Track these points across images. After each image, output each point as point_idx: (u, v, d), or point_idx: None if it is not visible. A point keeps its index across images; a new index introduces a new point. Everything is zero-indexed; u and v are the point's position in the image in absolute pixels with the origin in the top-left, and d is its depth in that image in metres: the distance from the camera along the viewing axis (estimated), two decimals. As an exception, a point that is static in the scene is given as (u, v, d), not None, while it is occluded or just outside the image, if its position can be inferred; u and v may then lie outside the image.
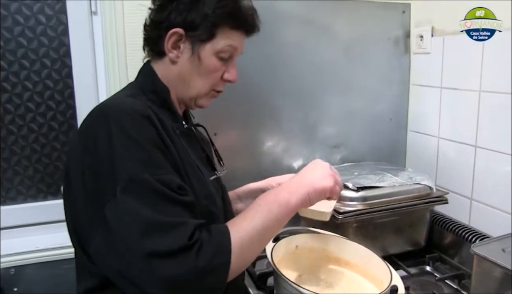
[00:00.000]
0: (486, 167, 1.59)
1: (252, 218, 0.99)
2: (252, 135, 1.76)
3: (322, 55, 1.81)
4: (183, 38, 1.11)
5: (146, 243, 0.87)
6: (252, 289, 1.44)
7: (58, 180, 1.77)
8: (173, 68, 1.14)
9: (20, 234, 1.73)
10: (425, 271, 1.62)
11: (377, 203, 1.52)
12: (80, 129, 1.05)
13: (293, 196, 1.03)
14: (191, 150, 1.15)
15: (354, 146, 1.93)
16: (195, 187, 1.08)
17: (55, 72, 1.70)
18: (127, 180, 0.91)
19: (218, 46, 1.12)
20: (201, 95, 1.19)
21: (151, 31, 1.16)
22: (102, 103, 1.07)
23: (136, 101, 1.05)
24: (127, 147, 0.93)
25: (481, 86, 1.57)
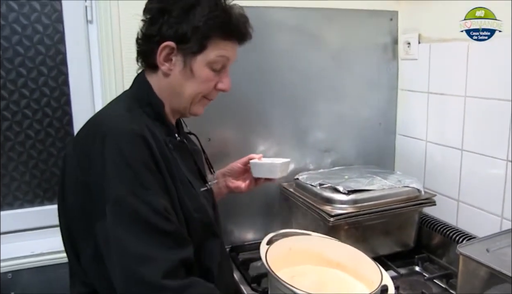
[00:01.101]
0: (472, 169, 1.63)
1: None
2: (245, 140, 1.79)
3: (312, 62, 1.84)
4: (175, 51, 1.11)
5: (127, 272, 0.93)
6: (246, 290, 1.47)
7: (55, 186, 1.79)
8: (166, 80, 1.15)
9: (17, 239, 1.75)
10: (414, 271, 1.66)
11: (367, 206, 1.56)
12: (76, 141, 1.09)
13: None
14: (183, 164, 1.18)
15: (344, 150, 1.96)
16: (186, 202, 1.11)
17: (52, 80, 1.72)
18: (113, 202, 0.96)
19: (209, 58, 1.13)
20: (194, 103, 1.20)
21: (143, 44, 1.17)
22: (100, 118, 1.12)
23: (133, 118, 1.07)
24: (118, 168, 0.97)
25: (466, 92, 1.61)
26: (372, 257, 1.33)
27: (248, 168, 1.50)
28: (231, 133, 1.77)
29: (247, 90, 1.73)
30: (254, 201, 1.79)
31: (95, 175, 0.98)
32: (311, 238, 1.44)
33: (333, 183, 1.61)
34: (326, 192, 1.59)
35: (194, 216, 1.12)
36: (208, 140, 1.64)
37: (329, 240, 1.44)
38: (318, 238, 1.45)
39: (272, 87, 1.79)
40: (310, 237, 1.45)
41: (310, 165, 1.91)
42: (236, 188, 1.51)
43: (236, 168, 1.51)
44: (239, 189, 1.51)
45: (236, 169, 1.51)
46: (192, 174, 1.22)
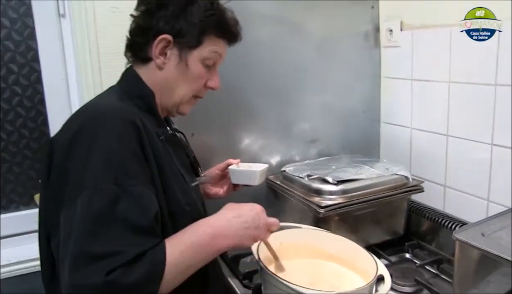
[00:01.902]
0: (458, 155, 1.64)
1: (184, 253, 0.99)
2: (229, 133, 1.77)
3: (295, 53, 1.82)
4: (171, 45, 1.12)
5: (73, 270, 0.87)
6: (238, 288, 1.44)
7: (31, 190, 1.73)
8: (159, 73, 1.15)
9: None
10: (405, 259, 1.66)
11: (357, 196, 1.55)
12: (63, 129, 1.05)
13: (222, 245, 1.04)
14: (175, 156, 1.17)
15: (329, 140, 1.95)
16: (178, 195, 1.09)
17: (23, 78, 1.65)
18: (92, 187, 0.91)
19: (204, 53, 1.15)
20: (184, 102, 1.21)
21: (137, 36, 1.16)
22: (89, 107, 1.09)
23: (124, 107, 1.05)
24: (104, 155, 0.94)
25: (450, 77, 1.62)
26: (364, 247, 1.33)
27: (226, 174, 1.49)
28: (215, 127, 1.74)
29: (230, 83, 1.68)
30: (241, 196, 1.72)
31: (77, 162, 0.95)
32: (301, 231, 1.42)
33: (322, 174, 1.60)
34: (315, 183, 1.57)
35: (186, 210, 1.10)
36: (191, 135, 1.61)
37: (321, 232, 1.43)
38: (309, 230, 1.43)
39: (256, 79, 1.77)
40: (300, 230, 1.43)
41: (296, 157, 1.90)
42: (215, 194, 1.51)
43: (214, 174, 1.50)
44: (218, 195, 1.51)
45: (214, 175, 1.50)
46: (184, 168, 1.21)
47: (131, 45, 1.18)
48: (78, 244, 0.88)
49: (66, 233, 0.91)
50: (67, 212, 0.92)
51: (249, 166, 1.47)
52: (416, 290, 1.41)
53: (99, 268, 0.85)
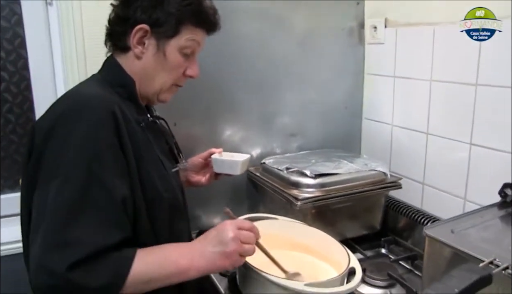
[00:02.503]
0: (437, 153, 1.66)
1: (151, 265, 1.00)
2: (211, 125, 1.78)
3: (278, 47, 1.83)
4: (148, 34, 1.13)
5: (42, 249, 0.91)
6: (215, 276, 1.47)
7: (16, 174, 1.75)
8: (138, 63, 1.17)
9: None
10: (381, 254, 1.69)
11: (334, 189, 1.57)
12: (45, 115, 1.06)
13: (193, 268, 1.03)
14: (155, 143, 1.18)
15: (310, 135, 1.97)
16: (156, 182, 1.11)
17: (10, 64, 1.67)
18: (63, 176, 0.94)
19: (181, 42, 1.16)
20: (164, 90, 1.22)
21: (116, 26, 1.17)
22: (70, 95, 1.10)
23: (104, 96, 1.07)
24: (80, 143, 0.96)
25: (431, 76, 1.63)
26: (339, 240, 1.35)
27: (208, 162, 1.52)
28: (197, 118, 1.76)
29: (213, 75, 1.71)
30: (221, 186, 1.77)
31: (54, 148, 0.97)
32: (278, 222, 1.45)
33: (300, 167, 1.62)
34: (293, 176, 1.60)
35: (163, 196, 1.12)
36: (174, 125, 1.62)
37: (296, 224, 1.45)
38: (285, 222, 1.46)
39: (238, 72, 1.79)
40: (276, 221, 1.45)
41: (276, 150, 1.92)
42: (197, 182, 1.54)
43: (197, 163, 1.53)
44: (200, 183, 1.54)
45: (197, 163, 1.53)
46: (163, 155, 1.23)
47: (110, 34, 1.20)
48: (48, 231, 0.91)
49: (37, 216, 0.95)
50: (39, 195, 0.96)
51: (231, 156, 1.50)
52: (389, 285, 1.43)
53: (64, 256, 0.89)
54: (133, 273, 0.95)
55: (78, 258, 0.89)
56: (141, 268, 0.97)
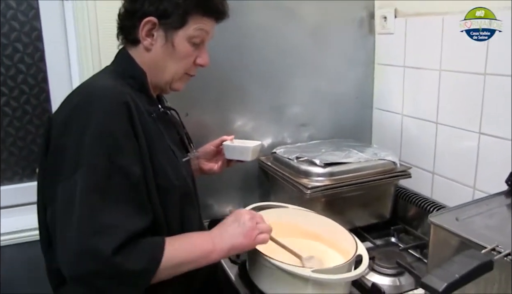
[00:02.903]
0: (447, 142, 1.66)
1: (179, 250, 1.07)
2: (223, 115, 1.81)
3: (289, 38, 1.85)
4: (157, 26, 1.15)
5: (81, 236, 0.94)
6: (226, 263, 1.49)
7: (33, 163, 1.80)
8: (148, 55, 1.19)
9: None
10: (390, 242, 1.70)
11: (343, 179, 1.58)
12: (61, 107, 1.10)
13: (215, 251, 1.11)
14: (166, 133, 1.21)
15: (321, 124, 1.98)
16: (168, 171, 1.15)
17: (28, 56, 1.71)
18: (88, 165, 0.98)
19: (189, 32, 1.18)
20: (176, 79, 1.25)
21: (125, 20, 1.20)
22: (85, 87, 1.14)
23: (117, 87, 1.10)
24: (98, 133, 1.00)
25: (441, 65, 1.63)
26: (348, 229, 1.37)
27: (220, 150, 1.55)
28: (209, 108, 1.78)
29: (224, 65, 1.74)
30: (233, 176, 1.81)
31: (73, 138, 1.00)
32: (287, 210, 1.48)
33: (310, 156, 1.64)
34: (303, 165, 1.62)
35: (175, 184, 1.16)
36: (185, 115, 1.65)
37: (306, 212, 1.48)
38: (295, 210, 1.48)
39: (250, 62, 1.80)
40: (287, 209, 1.48)
41: (287, 139, 1.94)
42: (209, 169, 1.57)
43: (209, 150, 1.56)
44: (212, 170, 1.57)
45: (209, 151, 1.56)
46: (174, 144, 1.26)
47: (121, 28, 1.22)
48: (84, 218, 0.95)
49: (66, 206, 0.98)
50: (65, 186, 0.99)
51: (242, 143, 1.53)
52: (397, 273, 1.44)
53: (107, 240, 0.94)
54: (164, 258, 1.01)
55: (120, 242, 0.94)
56: (171, 253, 1.03)
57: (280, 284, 1.19)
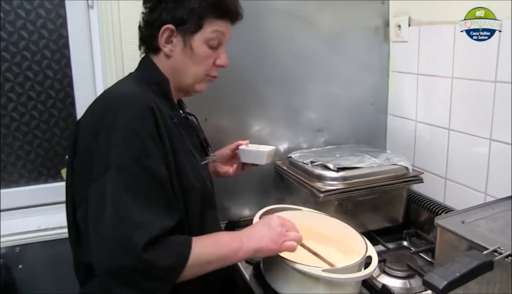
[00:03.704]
0: (458, 148, 1.68)
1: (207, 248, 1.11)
2: (240, 120, 1.85)
3: (306, 45, 1.88)
4: (175, 33, 1.21)
5: (114, 232, 0.98)
6: (241, 263, 1.52)
7: (58, 164, 1.87)
8: (169, 61, 1.25)
9: (23, 215, 1.83)
10: (402, 246, 1.72)
11: (356, 183, 1.62)
12: (89, 112, 1.16)
13: (242, 249, 1.14)
14: (187, 137, 1.26)
15: (336, 130, 2.01)
16: (188, 172, 1.19)
17: (55, 63, 1.79)
18: (117, 167, 1.02)
19: (206, 35, 1.23)
20: (197, 81, 1.30)
21: (145, 30, 1.26)
22: (111, 92, 1.19)
23: (141, 93, 1.15)
24: (126, 136, 1.04)
25: (453, 73, 1.66)
26: (361, 232, 1.40)
27: (236, 154, 1.60)
28: (227, 113, 1.83)
29: (242, 72, 1.78)
30: (250, 179, 1.85)
31: (102, 142, 1.05)
32: (301, 213, 1.51)
33: (324, 161, 1.67)
34: (317, 169, 1.65)
35: (195, 186, 1.20)
36: (204, 120, 1.70)
37: (318, 215, 1.51)
38: (308, 212, 1.52)
39: (267, 69, 1.84)
40: (300, 211, 1.52)
41: (303, 144, 1.97)
42: (225, 173, 1.61)
43: (225, 154, 1.60)
44: (228, 173, 1.61)
45: (225, 154, 1.60)
46: (194, 148, 1.31)
47: (142, 39, 1.29)
48: (115, 215, 0.99)
49: (98, 205, 1.02)
50: (96, 186, 1.04)
51: (257, 147, 1.57)
52: (408, 275, 1.46)
53: (138, 236, 0.98)
54: (193, 255, 1.05)
55: (149, 238, 0.98)
56: (199, 250, 1.07)
57: (292, 283, 1.22)
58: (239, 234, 1.19)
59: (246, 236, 1.17)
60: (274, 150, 1.59)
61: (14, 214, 1.82)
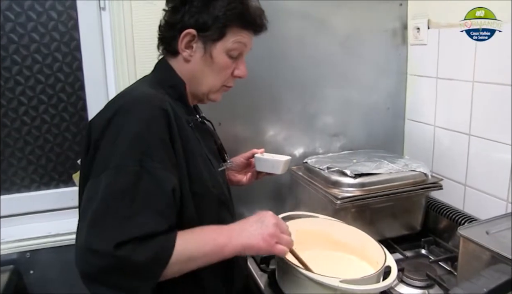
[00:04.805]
0: (479, 154, 1.64)
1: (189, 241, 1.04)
2: (255, 124, 1.83)
3: (322, 48, 1.86)
4: (196, 38, 1.18)
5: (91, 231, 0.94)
6: (256, 271, 1.51)
7: (69, 169, 1.85)
8: (187, 66, 1.22)
9: (34, 220, 1.82)
10: (420, 254, 1.69)
11: (374, 189, 1.58)
12: (102, 112, 1.11)
13: (229, 245, 1.07)
14: (203, 142, 1.23)
15: (353, 135, 1.98)
16: (205, 177, 1.16)
17: (66, 66, 1.77)
18: (116, 166, 0.99)
19: (228, 45, 1.20)
20: (213, 91, 1.27)
21: (165, 31, 1.22)
22: (126, 93, 1.15)
23: (158, 95, 1.12)
24: (133, 138, 1.01)
25: (474, 77, 1.62)
26: (378, 240, 1.36)
27: (250, 162, 1.57)
28: (242, 118, 1.81)
29: (257, 75, 1.75)
30: (264, 185, 1.82)
31: (107, 141, 1.02)
32: (318, 220, 1.48)
33: (341, 167, 1.64)
34: (334, 175, 1.62)
35: (212, 192, 1.17)
36: (218, 125, 1.68)
37: (335, 222, 1.48)
38: (324, 220, 1.48)
39: (282, 72, 1.82)
40: (317, 219, 1.48)
41: (319, 149, 1.94)
42: (238, 181, 1.58)
43: (239, 162, 1.57)
44: (241, 182, 1.58)
45: (239, 163, 1.57)
46: (211, 154, 1.28)
47: (161, 39, 1.25)
48: (96, 214, 0.95)
49: (87, 203, 0.99)
50: (91, 184, 1.01)
51: (273, 156, 1.54)
52: (427, 285, 1.43)
53: (111, 236, 0.93)
54: (176, 250, 0.99)
55: (125, 238, 0.93)
56: (181, 246, 1.01)
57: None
58: (227, 229, 1.11)
59: (236, 231, 1.10)
60: (290, 160, 1.56)
61: (25, 219, 1.80)
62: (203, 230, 1.10)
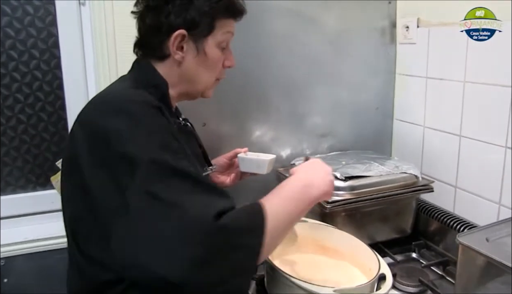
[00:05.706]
0: (470, 156, 1.62)
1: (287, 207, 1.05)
2: (241, 125, 1.79)
3: (310, 47, 1.83)
4: (186, 38, 1.11)
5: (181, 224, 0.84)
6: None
7: (48, 171, 1.77)
8: (179, 68, 1.15)
9: (10, 225, 1.73)
10: (411, 258, 1.66)
11: (364, 192, 1.55)
12: (84, 120, 1.02)
13: (313, 185, 1.11)
14: (187, 146, 1.15)
15: (341, 135, 1.96)
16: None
17: (44, 63, 1.69)
18: (148, 162, 0.88)
19: (218, 37, 1.15)
20: (209, 87, 1.24)
21: (151, 37, 1.14)
22: (107, 95, 1.07)
23: (142, 93, 1.04)
24: (143, 135, 0.92)
25: (465, 77, 1.60)
26: (368, 244, 1.33)
27: (233, 163, 1.53)
28: (226, 118, 1.77)
29: (243, 74, 1.71)
30: (250, 186, 1.75)
31: (116, 149, 0.91)
32: (307, 225, 1.43)
33: (330, 169, 1.60)
34: (323, 178, 1.57)
35: None
36: (203, 125, 1.63)
37: (326, 227, 1.44)
38: (314, 225, 1.45)
39: (269, 71, 1.78)
40: (306, 224, 1.44)
41: (306, 150, 1.91)
42: (221, 183, 1.53)
43: (222, 163, 1.52)
44: (224, 183, 1.53)
45: (222, 163, 1.52)
46: (195, 157, 1.23)
47: (143, 45, 1.17)
48: (178, 197, 0.87)
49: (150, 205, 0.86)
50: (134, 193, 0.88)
51: (257, 155, 1.49)
52: (420, 291, 1.41)
53: (208, 209, 0.86)
54: (269, 209, 0.96)
55: (221, 209, 0.86)
56: (270, 204, 1.00)
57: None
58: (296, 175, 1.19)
59: (309, 187, 1.12)
60: (275, 159, 1.51)
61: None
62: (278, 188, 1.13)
